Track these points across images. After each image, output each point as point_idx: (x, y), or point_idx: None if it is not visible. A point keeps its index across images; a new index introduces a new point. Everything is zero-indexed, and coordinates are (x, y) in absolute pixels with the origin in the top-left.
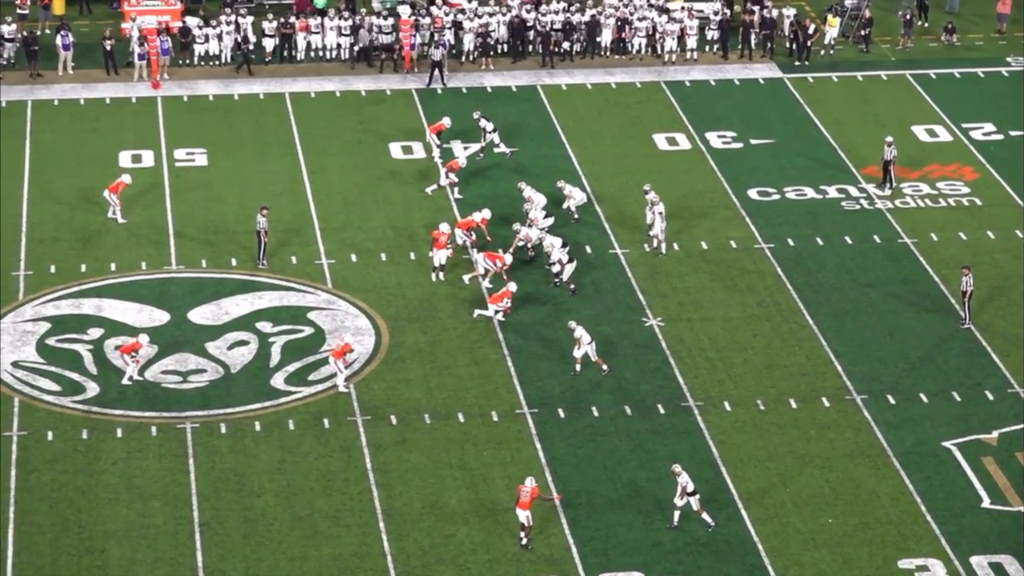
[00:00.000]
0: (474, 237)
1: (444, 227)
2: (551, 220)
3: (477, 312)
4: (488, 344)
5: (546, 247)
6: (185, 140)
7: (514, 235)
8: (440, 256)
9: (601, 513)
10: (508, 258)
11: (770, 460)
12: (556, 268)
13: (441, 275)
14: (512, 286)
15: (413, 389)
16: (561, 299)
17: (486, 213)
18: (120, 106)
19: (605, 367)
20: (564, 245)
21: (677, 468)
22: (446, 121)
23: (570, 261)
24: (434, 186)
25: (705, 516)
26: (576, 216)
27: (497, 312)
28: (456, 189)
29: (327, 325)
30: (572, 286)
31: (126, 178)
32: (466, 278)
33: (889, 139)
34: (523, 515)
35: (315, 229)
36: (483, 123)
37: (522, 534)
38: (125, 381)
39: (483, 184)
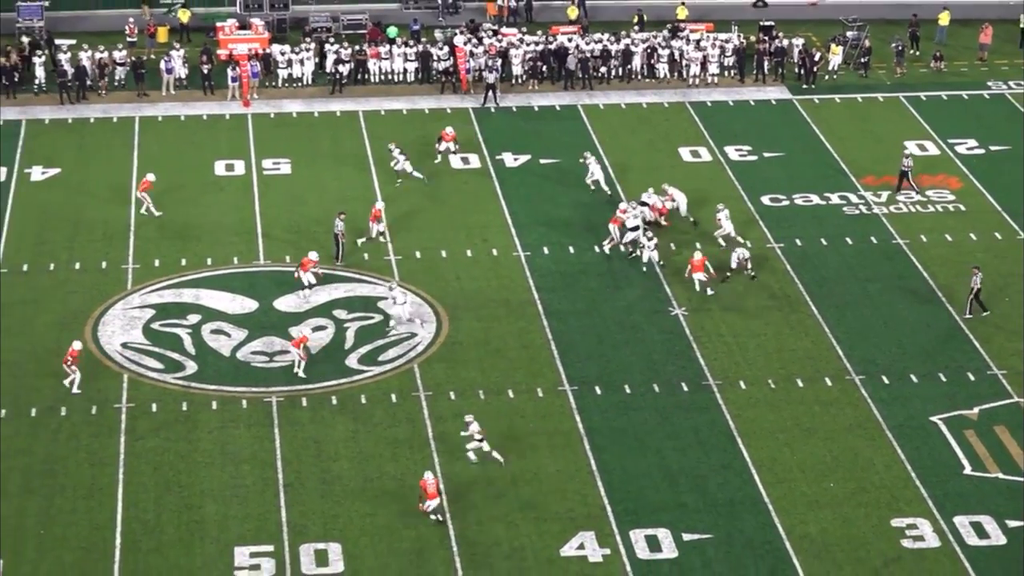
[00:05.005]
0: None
1: (380, 204)
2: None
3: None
4: (534, 330)
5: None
6: (272, 151)
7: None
8: (374, 229)
9: (632, 477)
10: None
11: (779, 432)
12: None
13: (368, 238)
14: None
15: (469, 369)
16: (599, 291)
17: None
18: (215, 122)
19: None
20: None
21: (469, 417)
22: (449, 130)
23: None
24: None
25: (495, 454)
26: (595, 190)
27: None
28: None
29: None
30: (661, 262)
31: (151, 177)
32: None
33: (907, 152)
34: (433, 503)
35: (384, 229)
36: (395, 152)
37: (437, 516)
38: (300, 373)
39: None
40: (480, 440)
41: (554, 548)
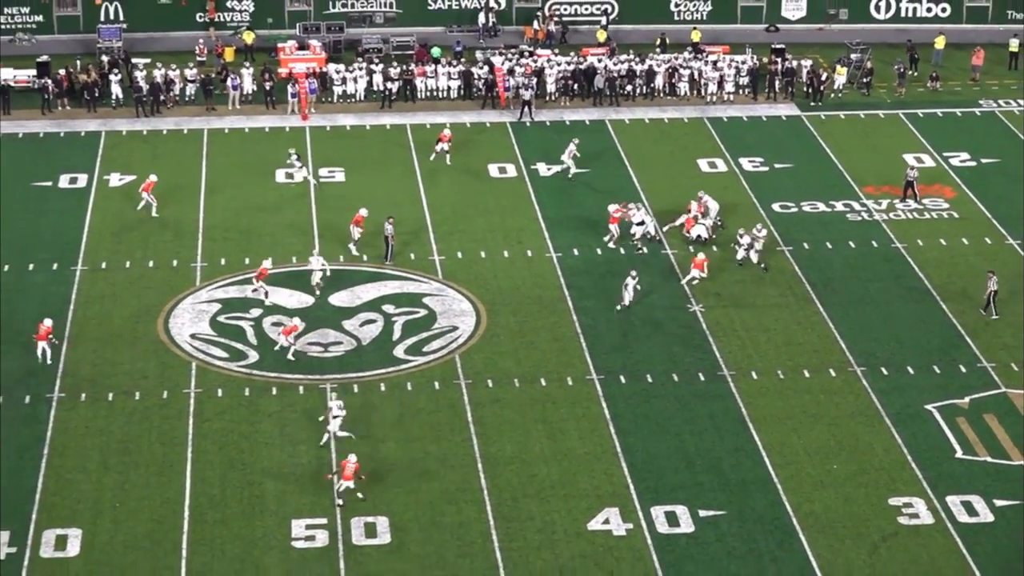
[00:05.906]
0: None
1: (363, 211)
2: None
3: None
4: (565, 324)
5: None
6: (327, 161)
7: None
8: (356, 232)
9: (653, 458)
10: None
11: (788, 418)
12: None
13: (353, 248)
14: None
15: (505, 359)
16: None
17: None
18: (276, 134)
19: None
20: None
21: (336, 399)
22: (446, 132)
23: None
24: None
25: (342, 433)
26: (565, 173)
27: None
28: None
29: (438, 308)
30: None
31: (153, 177)
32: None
33: (912, 163)
34: (346, 484)
35: (429, 232)
36: (294, 160)
37: (339, 500)
38: (289, 357)
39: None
40: (335, 418)
41: (582, 522)
